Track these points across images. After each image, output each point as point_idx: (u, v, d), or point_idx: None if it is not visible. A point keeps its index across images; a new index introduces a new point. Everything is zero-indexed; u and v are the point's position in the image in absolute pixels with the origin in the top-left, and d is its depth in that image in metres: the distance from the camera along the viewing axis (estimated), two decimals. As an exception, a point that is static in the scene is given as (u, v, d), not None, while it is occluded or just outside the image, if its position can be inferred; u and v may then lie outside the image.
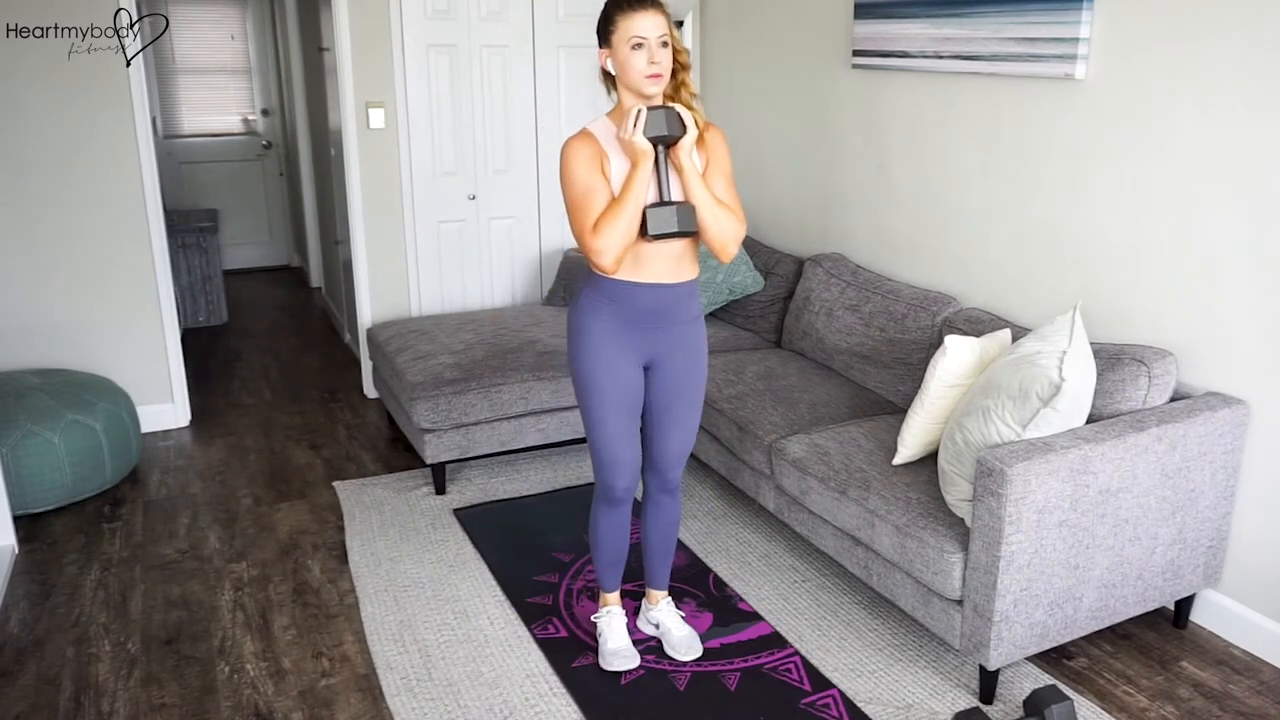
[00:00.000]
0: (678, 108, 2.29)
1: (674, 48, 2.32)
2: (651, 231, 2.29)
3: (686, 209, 2.31)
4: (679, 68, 2.36)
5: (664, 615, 2.79)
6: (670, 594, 2.95)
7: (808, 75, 4.16)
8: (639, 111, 2.25)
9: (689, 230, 2.32)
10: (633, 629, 2.79)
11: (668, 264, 2.40)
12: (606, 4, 2.32)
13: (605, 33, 2.32)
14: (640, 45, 2.26)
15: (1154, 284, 2.83)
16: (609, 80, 2.40)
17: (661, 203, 2.31)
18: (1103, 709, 2.49)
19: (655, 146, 2.28)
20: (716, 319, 4.30)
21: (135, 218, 4.11)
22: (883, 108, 3.76)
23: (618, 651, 2.65)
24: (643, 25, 2.26)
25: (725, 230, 2.36)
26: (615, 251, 2.29)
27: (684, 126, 2.28)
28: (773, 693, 2.55)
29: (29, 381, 3.74)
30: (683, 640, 2.74)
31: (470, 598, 3.00)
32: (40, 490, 3.49)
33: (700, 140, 2.38)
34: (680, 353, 2.51)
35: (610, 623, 2.70)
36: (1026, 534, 2.33)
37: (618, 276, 2.39)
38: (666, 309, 2.45)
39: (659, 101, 2.32)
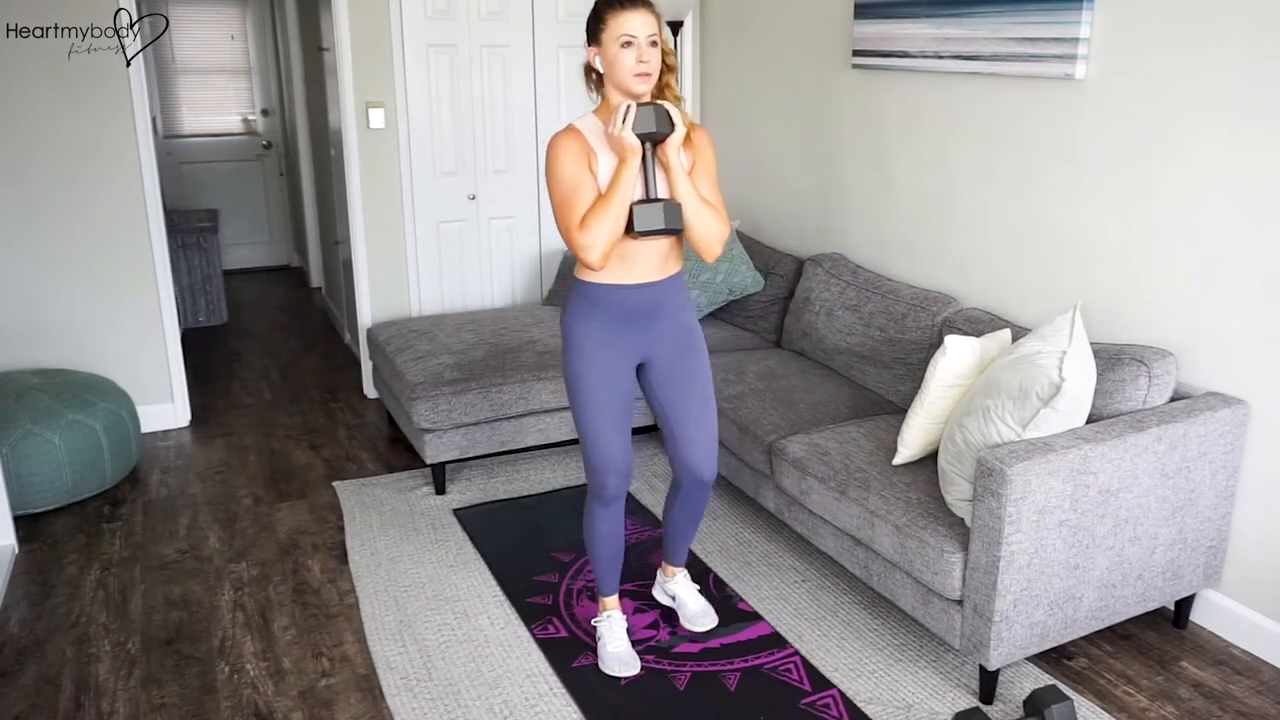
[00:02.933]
0: (667, 105, 2.30)
1: (662, 49, 2.34)
2: (638, 228, 2.30)
3: (673, 206, 2.32)
4: (665, 69, 2.37)
5: (680, 588, 2.88)
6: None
7: (808, 75, 4.16)
8: (628, 107, 2.26)
9: (675, 228, 2.33)
10: (633, 629, 2.79)
11: (653, 262, 2.42)
12: (597, 1, 2.34)
13: (595, 30, 2.34)
14: (630, 44, 2.28)
15: (1154, 284, 2.83)
16: (592, 78, 2.42)
17: (648, 200, 2.33)
18: (1103, 709, 2.49)
19: (643, 143, 2.29)
20: (716, 319, 4.30)
21: (135, 218, 4.11)
22: (883, 108, 3.76)
23: (618, 656, 2.65)
24: (633, 24, 2.28)
25: (710, 230, 2.37)
26: (602, 247, 2.30)
27: (672, 124, 2.29)
28: (773, 693, 2.55)
29: (29, 381, 3.74)
30: (698, 613, 2.83)
31: (470, 598, 3.00)
32: (40, 490, 3.49)
33: (686, 140, 2.39)
34: (674, 342, 2.53)
35: (610, 627, 2.69)
36: (1026, 534, 2.33)
37: (604, 280, 2.41)
38: (655, 305, 2.48)
39: (647, 100, 2.33)
